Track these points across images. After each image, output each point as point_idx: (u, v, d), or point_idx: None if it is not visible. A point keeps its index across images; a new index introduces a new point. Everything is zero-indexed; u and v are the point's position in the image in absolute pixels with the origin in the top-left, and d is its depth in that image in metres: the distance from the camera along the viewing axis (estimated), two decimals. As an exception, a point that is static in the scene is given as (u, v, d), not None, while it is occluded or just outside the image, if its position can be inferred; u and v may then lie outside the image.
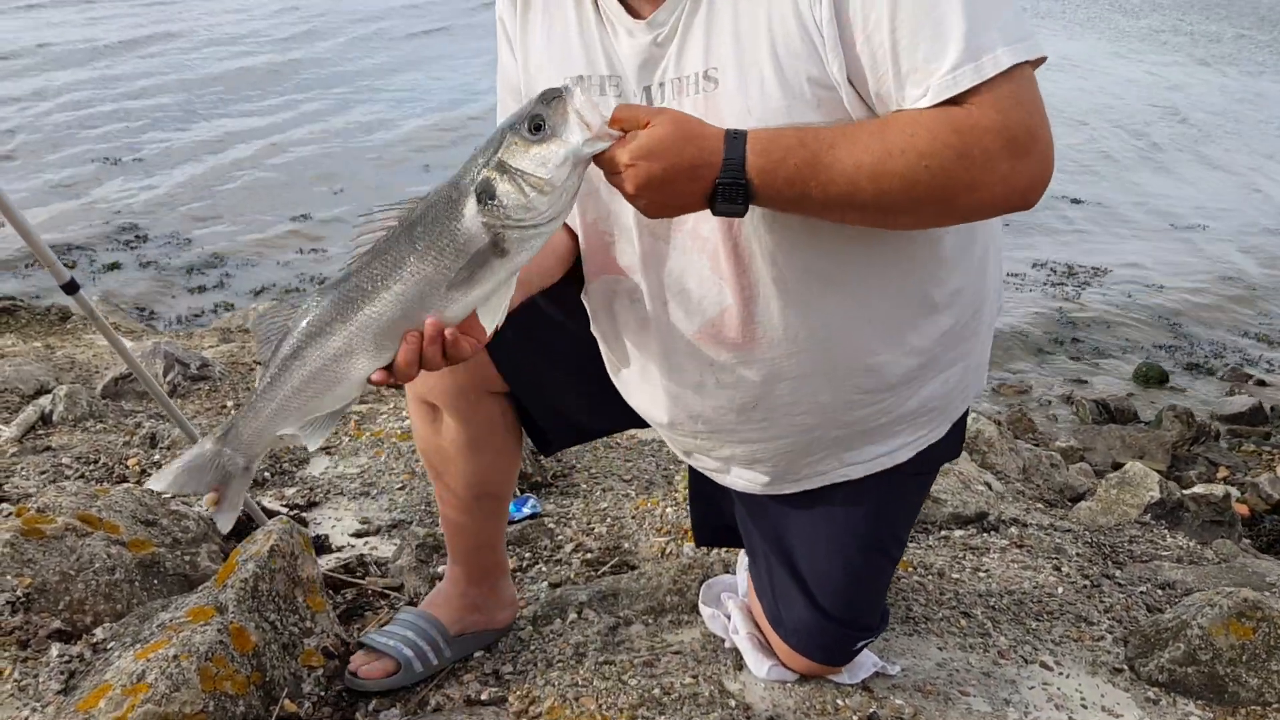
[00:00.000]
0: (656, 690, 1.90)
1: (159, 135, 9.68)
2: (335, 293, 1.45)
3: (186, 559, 2.26)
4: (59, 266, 2.05)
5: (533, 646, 2.04)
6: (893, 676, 2.03)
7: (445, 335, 1.43)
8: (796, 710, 1.91)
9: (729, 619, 2.07)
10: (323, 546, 2.50)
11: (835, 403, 1.68)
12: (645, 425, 1.94)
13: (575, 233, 1.77)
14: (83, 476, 2.75)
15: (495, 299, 1.46)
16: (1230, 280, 8.72)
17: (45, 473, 2.75)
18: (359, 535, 2.57)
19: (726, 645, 2.05)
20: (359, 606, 2.23)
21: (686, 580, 2.23)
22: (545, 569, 2.42)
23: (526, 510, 2.69)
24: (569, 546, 2.51)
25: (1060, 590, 2.48)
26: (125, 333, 4.98)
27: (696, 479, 2.01)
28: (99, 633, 1.95)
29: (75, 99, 10.70)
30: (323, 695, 1.89)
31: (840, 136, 1.38)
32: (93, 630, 1.97)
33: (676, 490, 2.84)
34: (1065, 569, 2.63)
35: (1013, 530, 2.90)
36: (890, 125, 1.38)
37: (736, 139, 1.37)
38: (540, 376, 1.88)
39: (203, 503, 1.59)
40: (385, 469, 2.88)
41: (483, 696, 1.90)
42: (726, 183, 1.36)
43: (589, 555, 2.47)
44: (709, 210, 1.41)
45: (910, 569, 2.50)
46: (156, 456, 2.89)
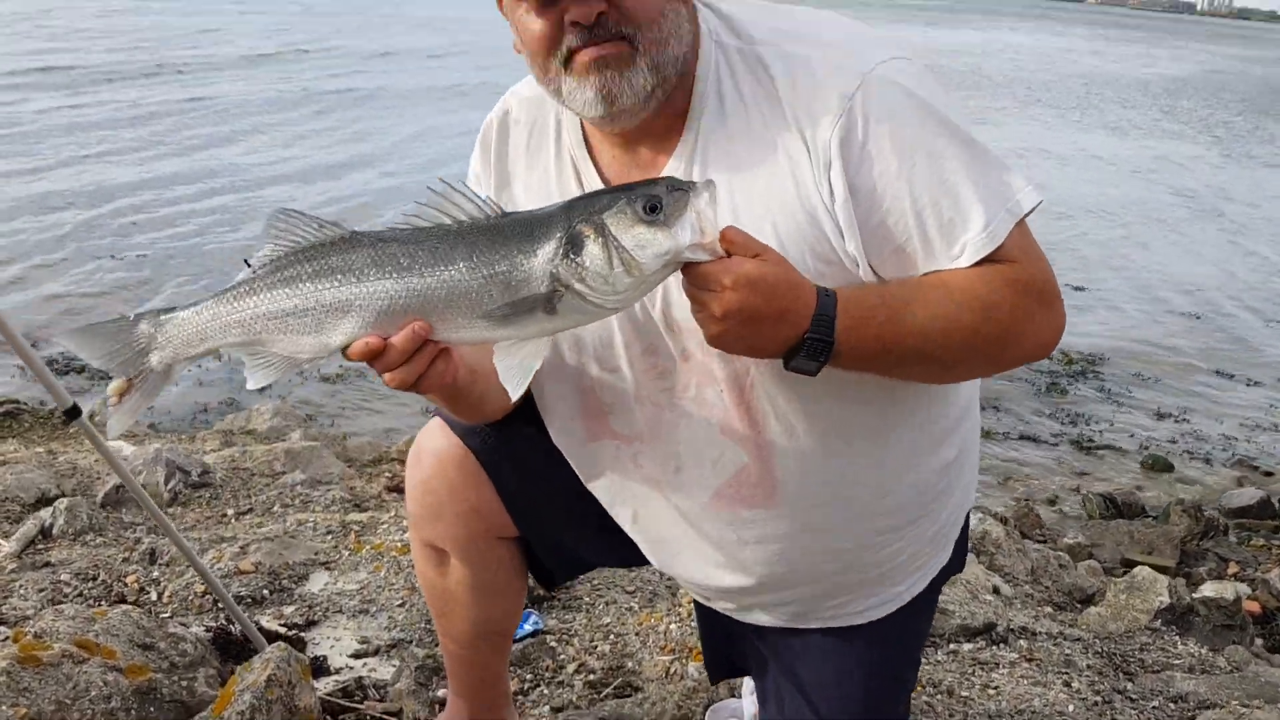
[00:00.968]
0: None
1: (157, 233, 9.81)
2: (368, 248, 1.34)
3: (184, 684, 2.23)
4: (62, 392, 2.07)
5: (535, 777, 2.00)
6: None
7: (441, 354, 1.38)
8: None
9: (736, 747, 2.03)
10: (321, 668, 2.46)
11: (857, 547, 1.68)
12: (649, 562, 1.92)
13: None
14: (81, 595, 2.73)
15: (526, 359, 1.37)
16: (1232, 369, 8.74)
17: (44, 590, 2.73)
18: (358, 656, 2.54)
19: (733, 774, 2.01)
20: (357, 733, 2.20)
21: (692, 705, 2.19)
22: (547, 691, 2.38)
23: (528, 627, 2.66)
24: (571, 667, 2.48)
25: (1071, 708, 2.45)
26: (127, 436, 4.98)
27: (707, 616, 1.93)
28: (93, 767, 1.92)
29: (72, 195, 10.86)
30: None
31: (912, 295, 1.43)
32: (87, 764, 1.94)
33: (680, 604, 2.81)
34: (1076, 684, 2.59)
35: (1021, 642, 2.86)
36: (951, 283, 1.44)
37: (829, 297, 1.38)
38: (548, 519, 1.87)
39: (109, 390, 1.45)
40: (385, 584, 2.86)
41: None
42: (816, 339, 1.37)
43: (592, 676, 2.44)
44: (781, 360, 1.41)
45: (920, 688, 2.46)
46: (155, 573, 2.87)
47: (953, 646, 2.77)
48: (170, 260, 9.12)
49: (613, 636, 2.64)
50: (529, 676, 2.43)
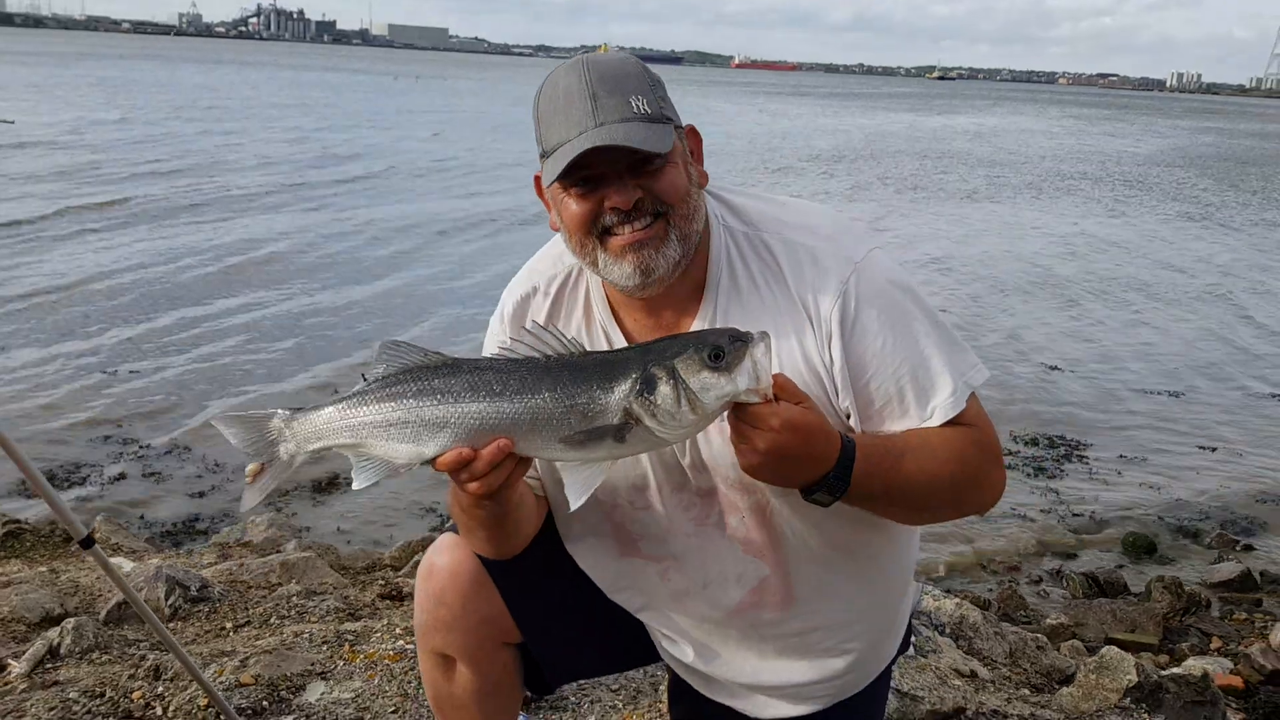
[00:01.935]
0: None
1: (153, 345, 10.00)
2: (467, 374, 1.53)
3: (188, 796, 2.34)
4: (76, 524, 2.22)
5: None
6: None
7: (518, 468, 1.58)
8: None
9: None
10: (319, 775, 2.57)
11: (861, 638, 1.95)
12: (644, 664, 2.14)
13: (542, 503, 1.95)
14: (90, 712, 2.84)
15: (590, 477, 1.57)
16: (1210, 444, 8.90)
17: (54, 709, 2.84)
18: (355, 765, 2.65)
19: None
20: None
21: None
22: (536, 789, 2.49)
23: (517, 728, 2.77)
24: (558, 765, 2.59)
25: (1037, 788, 2.56)
26: (128, 553, 5.11)
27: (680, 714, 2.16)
28: None
29: (62, 307, 11.08)
30: None
31: (904, 449, 1.71)
32: None
33: (661, 700, 2.93)
34: (1043, 764, 2.70)
35: (990, 726, 2.98)
36: (932, 442, 1.73)
37: (849, 444, 1.63)
38: (551, 627, 2.03)
39: (246, 470, 1.64)
40: (379, 692, 2.98)
41: None
42: (835, 479, 1.62)
43: (577, 773, 2.55)
44: (800, 491, 1.65)
45: (889, 773, 2.58)
46: (160, 688, 2.99)
47: (923, 732, 2.89)
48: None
49: (597, 734, 2.76)
50: (517, 776, 2.54)
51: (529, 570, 1.93)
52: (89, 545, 2.22)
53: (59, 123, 30.14)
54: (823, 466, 1.60)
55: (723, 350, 1.50)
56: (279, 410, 1.62)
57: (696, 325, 1.79)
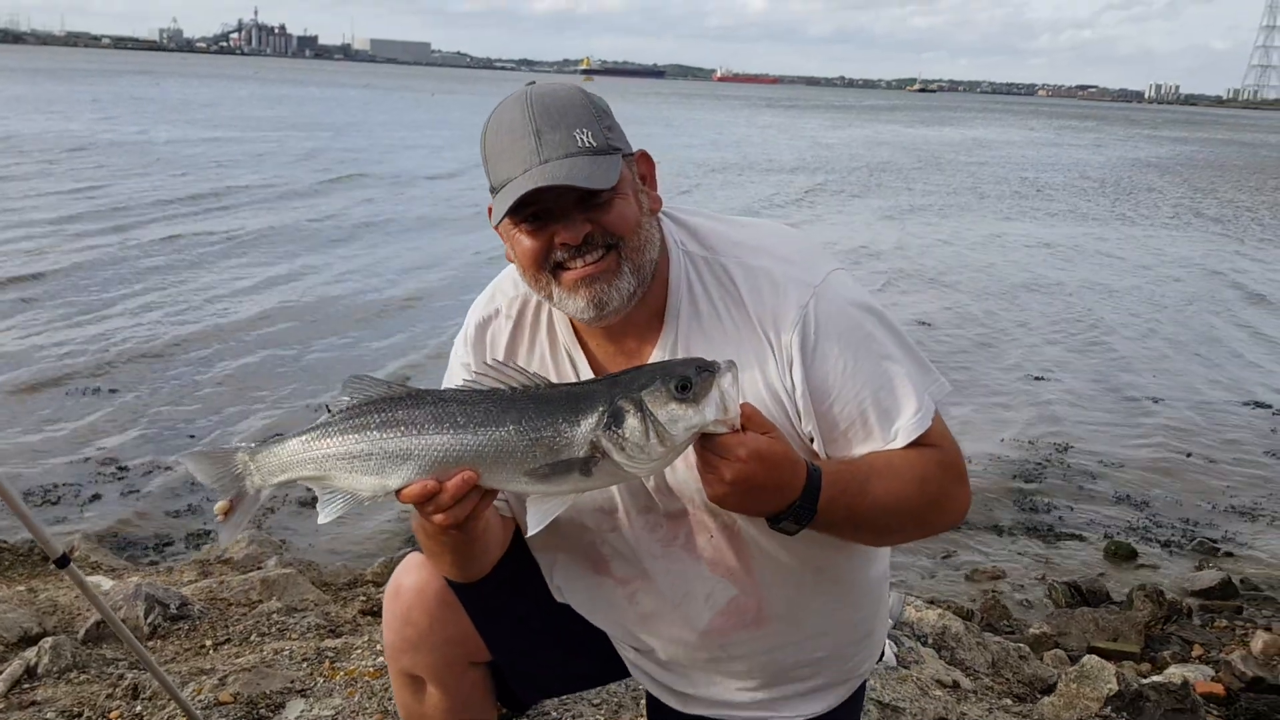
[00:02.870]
0: None
1: (131, 366, 9.95)
2: (430, 405, 1.53)
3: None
4: (51, 543, 2.21)
5: None
6: None
7: (483, 499, 1.57)
8: None
9: None
10: (299, 794, 2.56)
11: (830, 656, 1.96)
12: (619, 679, 2.14)
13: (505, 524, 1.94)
14: (66, 733, 2.83)
15: (552, 507, 1.56)
16: (1191, 453, 8.95)
17: (29, 731, 2.83)
18: (334, 783, 2.64)
19: None
20: None
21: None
22: (516, 806, 2.48)
23: (497, 745, 2.76)
24: (539, 781, 2.58)
25: (1018, 798, 2.56)
26: (106, 571, 5.07)
27: None
28: None
29: (42, 326, 11.02)
30: None
31: (869, 473, 1.70)
32: None
33: (643, 714, 2.92)
34: (1023, 774, 2.71)
35: (971, 736, 2.99)
36: (897, 464, 1.72)
37: (815, 473, 1.63)
38: (519, 646, 2.03)
39: (215, 509, 1.64)
40: (359, 709, 2.97)
41: None
42: (801, 507, 1.62)
43: (559, 789, 2.55)
44: (766, 520, 1.65)
45: (869, 785, 2.58)
46: (138, 708, 2.97)
47: (905, 743, 2.89)
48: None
49: (579, 750, 2.75)
50: (498, 792, 2.53)
51: (496, 588, 1.92)
52: (64, 564, 2.21)
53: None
54: (789, 495, 1.61)
55: (690, 381, 1.50)
56: (243, 444, 1.61)
57: (658, 352, 1.79)
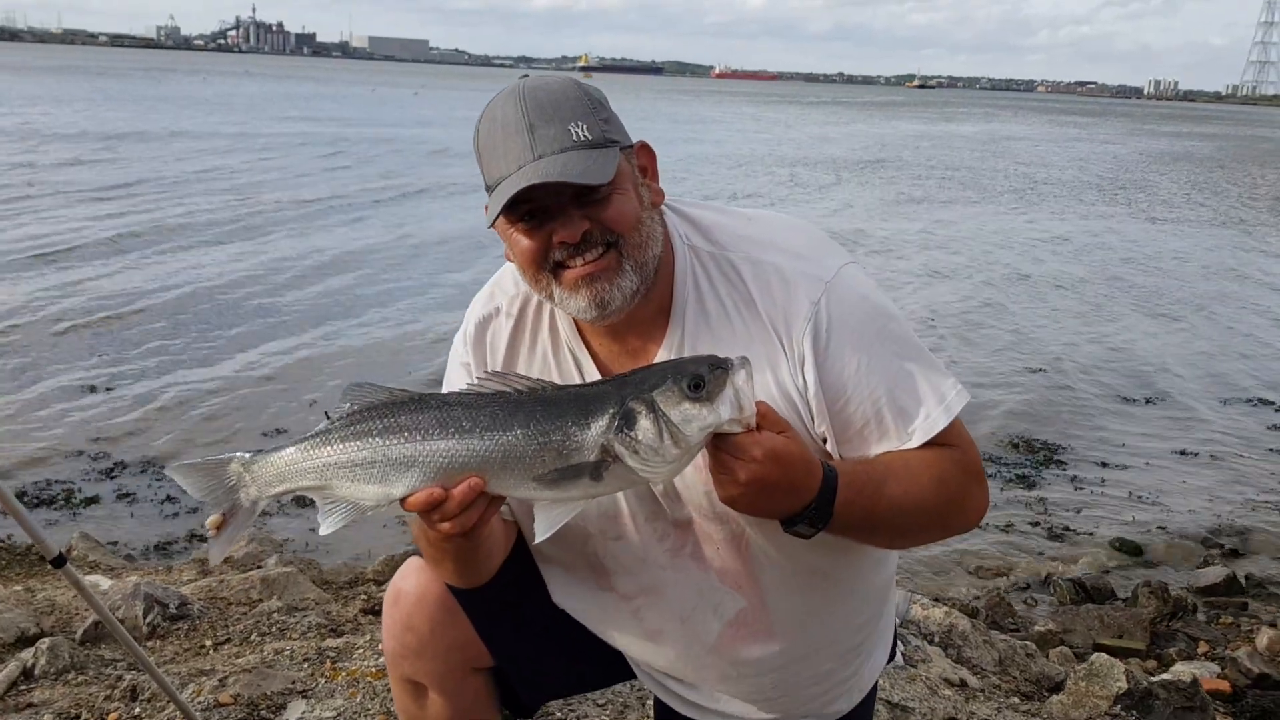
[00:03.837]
0: None
1: (132, 365, 9.90)
2: (434, 410, 1.46)
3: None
4: (47, 543, 2.17)
5: None
6: None
7: (490, 505, 1.52)
8: None
9: None
10: (300, 797, 2.52)
11: (837, 666, 1.92)
12: (624, 680, 2.08)
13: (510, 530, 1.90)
14: (63, 735, 2.79)
15: (561, 514, 1.50)
16: (1192, 450, 8.92)
17: (25, 733, 2.79)
18: (337, 785, 2.60)
19: None
20: None
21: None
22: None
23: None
24: (545, 783, 2.55)
25: (1030, 799, 2.53)
26: (105, 570, 5.03)
27: None
28: None
29: (43, 319, 10.98)
30: None
31: (885, 474, 1.64)
32: None
33: (649, 715, 2.88)
34: (1035, 774, 2.68)
35: (982, 736, 2.95)
36: (914, 465, 1.67)
37: (831, 474, 1.58)
38: (522, 650, 1.98)
39: (206, 523, 1.56)
40: (361, 710, 2.92)
41: None
42: (817, 510, 1.56)
43: (565, 791, 2.51)
44: (780, 524, 1.59)
45: (880, 786, 2.54)
46: (137, 709, 2.93)
47: (915, 743, 2.86)
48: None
49: (585, 751, 2.71)
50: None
51: (498, 592, 1.86)
52: (60, 564, 2.17)
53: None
54: (804, 497, 1.55)
55: (703, 379, 1.44)
56: (237, 453, 1.54)
57: (664, 351, 1.74)
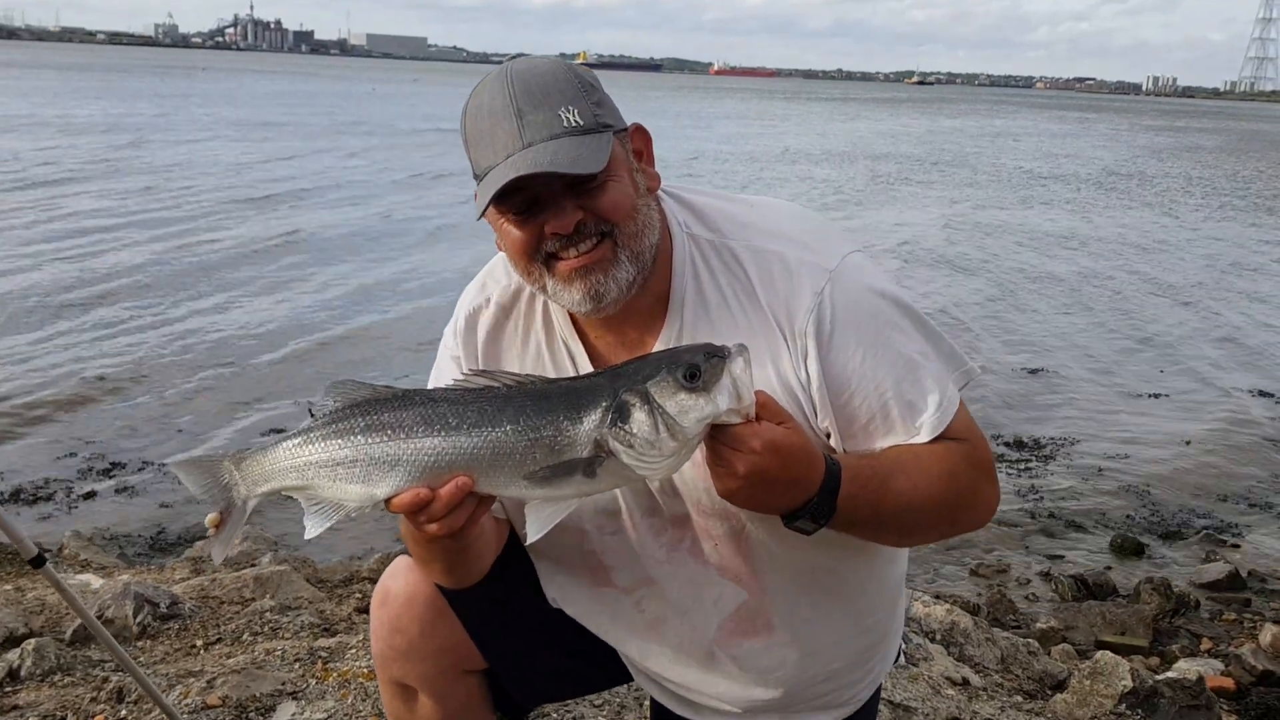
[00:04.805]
0: None
1: (126, 359, 9.85)
2: (419, 406, 1.40)
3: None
4: (26, 543, 2.12)
5: None
6: None
7: (479, 505, 1.46)
8: None
9: None
10: (289, 801, 2.47)
11: (847, 667, 1.85)
12: (620, 683, 2.02)
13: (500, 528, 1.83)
14: (47, 738, 2.73)
15: (554, 513, 1.44)
16: (1192, 445, 8.87)
17: (9, 736, 2.73)
18: (327, 789, 2.55)
19: None
20: None
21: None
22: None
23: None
24: (540, 786, 2.49)
25: (1036, 800, 2.48)
26: (97, 569, 4.98)
27: None
28: None
29: (38, 316, 10.93)
30: None
31: (892, 467, 1.58)
32: None
33: (646, 716, 2.83)
34: (1041, 775, 2.62)
35: (985, 736, 2.90)
36: (923, 459, 1.60)
37: (834, 467, 1.51)
38: (515, 651, 1.92)
39: (206, 521, 1.53)
40: (352, 712, 2.87)
41: None
42: (819, 504, 1.50)
43: (560, 794, 2.46)
44: (781, 518, 1.52)
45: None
46: (123, 711, 2.87)
47: (917, 744, 2.81)
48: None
49: (581, 753, 2.66)
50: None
51: (490, 592, 1.79)
52: (40, 565, 2.11)
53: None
54: (806, 491, 1.48)
55: (699, 369, 1.37)
56: (229, 452, 1.51)
57: (661, 343, 1.66)
